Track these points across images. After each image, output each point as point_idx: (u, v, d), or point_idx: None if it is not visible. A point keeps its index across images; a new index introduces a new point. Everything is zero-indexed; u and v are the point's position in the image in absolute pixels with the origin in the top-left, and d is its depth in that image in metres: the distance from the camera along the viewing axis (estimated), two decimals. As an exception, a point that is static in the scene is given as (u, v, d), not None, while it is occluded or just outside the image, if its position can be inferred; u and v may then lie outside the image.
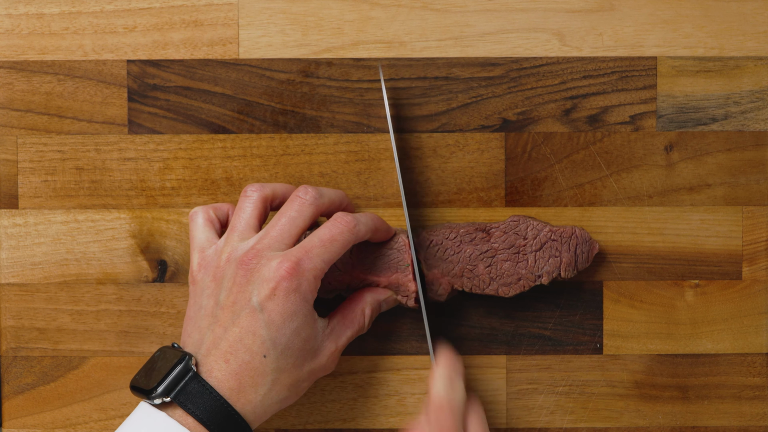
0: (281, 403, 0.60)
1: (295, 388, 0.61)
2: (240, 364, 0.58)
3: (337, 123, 0.69)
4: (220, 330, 0.59)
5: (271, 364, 0.58)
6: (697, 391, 0.70)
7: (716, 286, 0.70)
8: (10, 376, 0.70)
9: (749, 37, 0.69)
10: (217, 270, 0.61)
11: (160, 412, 0.57)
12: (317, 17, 0.69)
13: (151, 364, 0.59)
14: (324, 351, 0.62)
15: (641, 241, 0.70)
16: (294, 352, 0.59)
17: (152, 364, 0.59)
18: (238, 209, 0.63)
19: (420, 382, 0.70)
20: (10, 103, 0.69)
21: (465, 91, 0.69)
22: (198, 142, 0.69)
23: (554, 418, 0.70)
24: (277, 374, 0.59)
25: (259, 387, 0.58)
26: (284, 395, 0.60)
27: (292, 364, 0.59)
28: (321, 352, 0.62)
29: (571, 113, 0.69)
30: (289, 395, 0.61)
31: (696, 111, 0.69)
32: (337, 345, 0.63)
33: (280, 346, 0.58)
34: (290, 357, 0.59)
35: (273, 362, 0.58)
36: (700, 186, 0.70)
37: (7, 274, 0.70)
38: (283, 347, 0.59)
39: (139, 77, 0.69)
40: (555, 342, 0.70)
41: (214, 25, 0.69)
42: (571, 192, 0.70)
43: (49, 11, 0.69)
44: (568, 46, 0.69)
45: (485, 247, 0.67)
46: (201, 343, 0.60)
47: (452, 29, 0.69)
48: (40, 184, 0.69)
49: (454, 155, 0.69)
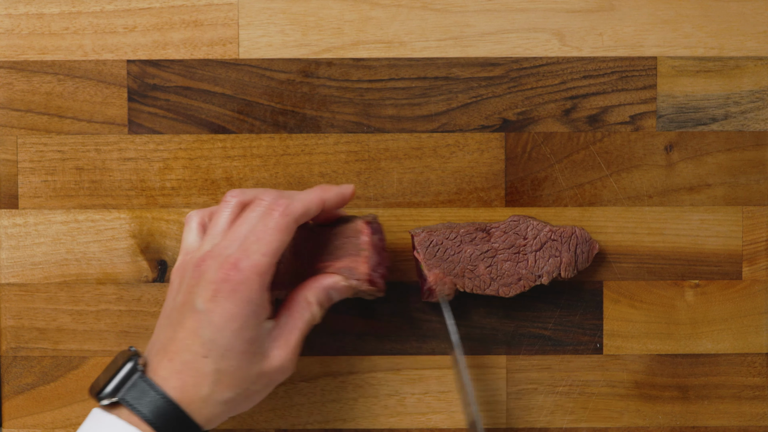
0: (229, 404, 0.59)
1: (244, 391, 0.59)
2: (182, 364, 0.58)
3: (337, 123, 0.69)
4: (170, 331, 0.59)
5: (212, 365, 0.58)
6: (697, 391, 0.70)
7: (716, 286, 0.70)
8: (10, 376, 0.70)
9: (749, 37, 0.69)
10: (183, 272, 0.61)
11: (109, 415, 0.57)
12: (317, 17, 0.69)
13: (109, 368, 0.59)
14: (274, 352, 0.60)
15: (641, 241, 0.70)
16: (236, 354, 0.58)
17: (107, 368, 0.60)
18: (215, 215, 0.62)
19: (420, 382, 0.70)
20: (10, 103, 0.69)
21: (465, 91, 0.69)
22: (198, 142, 0.69)
23: (554, 418, 0.70)
24: (219, 375, 0.58)
25: (201, 387, 0.58)
26: (229, 396, 0.59)
27: (235, 366, 0.58)
28: (270, 353, 0.60)
29: (571, 113, 0.69)
30: (237, 398, 0.59)
31: (696, 111, 0.69)
32: (289, 344, 0.60)
33: (221, 348, 0.58)
34: (232, 359, 0.58)
35: (213, 363, 0.58)
36: (700, 186, 0.70)
37: (7, 274, 0.70)
38: (224, 349, 0.58)
39: (139, 77, 0.69)
40: (555, 342, 0.70)
41: (214, 25, 0.69)
42: (571, 192, 0.70)
43: (49, 11, 0.69)
44: (568, 46, 0.69)
45: (485, 247, 0.67)
46: (156, 343, 0.60)
47: (452, 29, 0.69)
48: (40, 184, 0.69)
49: (454, 155, 0.69)
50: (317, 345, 0.70)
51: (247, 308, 0.58)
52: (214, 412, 0.58)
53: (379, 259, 0.64)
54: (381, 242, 0.64)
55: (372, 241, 0.63)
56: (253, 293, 0.58)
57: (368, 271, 0.62)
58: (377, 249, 0.64)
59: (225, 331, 0.58)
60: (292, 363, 0.61)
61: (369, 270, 0.63)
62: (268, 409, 0.70)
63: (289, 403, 0.70)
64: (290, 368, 0.61)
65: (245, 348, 0.58)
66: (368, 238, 0.63)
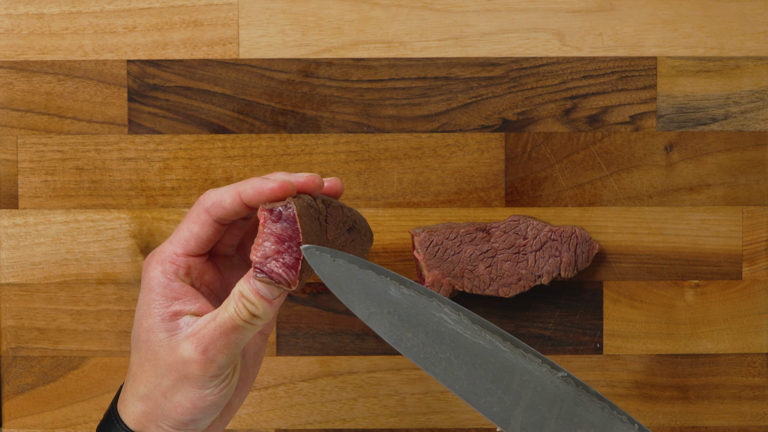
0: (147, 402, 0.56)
1: (156, 386, 0.56)
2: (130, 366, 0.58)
3: (337, 123, 0.69)
4: None
5: (132, 359, 0.57)
6: (697, 391, 0.70)
7: (716, 286, 0.70)
8: (10, 376, 0.70)
9: (749, 37, 0.69)
10: None
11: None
12: (317, 17, 0.69)
13: None
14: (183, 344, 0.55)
15: (641, 241, 0.70)
16: (143, 344, 0.56)
17: None
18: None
19: (420, 382, 0.70)
20: (10, 103, 0.69)
21: (465, 91, 0.69)
22: (198, 142, 0.69)
23: (554, 418, 0.70)
24: (134, 368, 0.56)
25: (126, 383, 0.57)
26: (143, 392, 0.56)
27: (143, 357, 0.56)
28: (180, 344, 0.55)
29: (571, 113, 0.69)
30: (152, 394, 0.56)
31: (696, 111, 0.69)
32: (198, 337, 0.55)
33: (134, 339, 0.57)
34: (141, 349, 0.56)
35: (132, 356, 0.57)
36: (700, 186, 0.70)
37: (7, 274, 0.70)
38: (135, 340, 0.57)
39: (139, 77, 0.69)
40: (555, 342, 0.70)
41: (214, 25, 0.69)
42: (571, 192, 0.70)
43: (49, 11, 0.69)
44: (568, 46, 0.69)
45: (485, 247, 0.67)
46: None
47: (452, 29, 0.69)
48: (40, 184, 0.69)
49: (454, 155, 0.69)
50: (317, 345, 0.70)
51: (147, 296, 0.56)
52: (137, 410, 0.56)
53: (283, 248, 0.57)
54: (287, 231, 0.57)
55: (269, 228, 0.56)
56: (153, 281, 0.56)
57: (257, 260, 0.55)
58: (280, 238, 0.57)
59: (136, 321, 0.57)
60: (198, 356, 0.54)
61: (260, 258, 0.55)
62: (268, 409, 0.70)
63: (289, 403, 0.70)
64: (194, 361, 0.54)
65: (148, 337, 0.55)
66: (261, 226, 0.56)
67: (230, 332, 0.54)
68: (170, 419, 0.56)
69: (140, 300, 0.56)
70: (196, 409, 0.55)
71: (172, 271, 0.56)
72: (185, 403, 0.55)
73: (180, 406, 0.55)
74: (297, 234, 0.56)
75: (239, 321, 0.54)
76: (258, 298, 0.54)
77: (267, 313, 0.55)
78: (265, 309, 0.55)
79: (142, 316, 0.56)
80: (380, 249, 0.70)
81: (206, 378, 0.55)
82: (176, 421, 0.56)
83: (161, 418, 0.56)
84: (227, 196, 0.56)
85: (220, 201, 0.56)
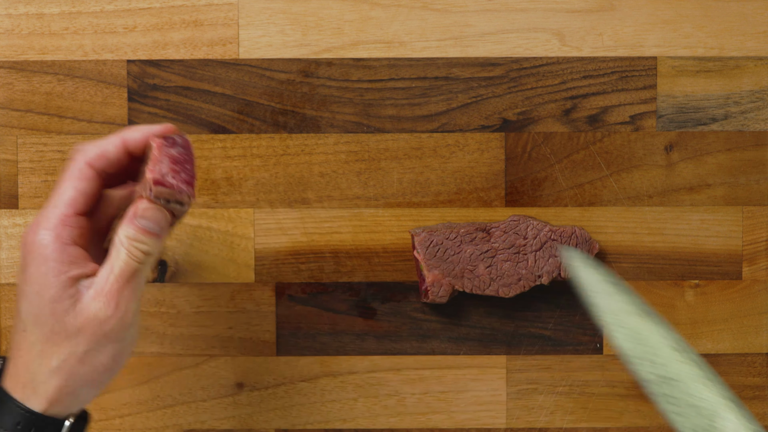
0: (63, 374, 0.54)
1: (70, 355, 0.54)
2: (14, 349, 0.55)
3: (337, 123, 0.69)
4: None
5: (31, 337, 0.54)
6: (697, 391, 0.70)
7: (716, 286, 0.70)
8: (10, 376, 0.70)
9: (749, 37, 0.69)
10: None
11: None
12: (317, 17, 0.69)
13: None
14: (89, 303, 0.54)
15: (641, 241, 0.70)
16: (47, 318, 0.54)
17: None
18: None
19: (420, 382, 0.70)
20: (10, 103, 0.69)
21: (465, 91, 0.69)
22: (198, 142, 0.69)
23: (554, 418, 0.70)
24: (40, 345, 0.54)
25: (30, 364, 0.54)
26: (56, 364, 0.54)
27: (49, 330, 0.54)
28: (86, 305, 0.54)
29: (571, 113, 0.69)
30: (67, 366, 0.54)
31: (696, 111, 0.69)
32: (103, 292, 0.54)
33: (32, 316, 0.54)
34: (45, 324, 0.54)
35: (32, 334, 0.54)
36: (700, 186, 0.70)
37: (7, 274, 0.70)
38: (34, 316, 0.54)
39: (139, 77, 0.69)
40: (555, 342, 0.70)
41: (214, 25, 0.69)
42: (571, 192, 0.70)
43: (49, 11, 0.69)
44: (568, 46, 0.69)
45: (485, 247, 0.67)
46: None
47: (452, 29, 0.69)
48: (40, 184, 0.69)
49: (454, 155, 0.69)
50: (317, 345, 0.70)
51: (43, 267, 0.54)
52: (50, 386, 0.54)
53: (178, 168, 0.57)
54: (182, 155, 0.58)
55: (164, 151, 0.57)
56: (47, 249, 0.54)
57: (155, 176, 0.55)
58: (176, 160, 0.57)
59: (31, 297, 0.54)
60: (113, 311, 0.54)
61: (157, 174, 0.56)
62: (268, 409, 0.70)
63: (289, 403, 0.70)
64: (111, 317, 0.54)
65: (53, 308, 0.54)
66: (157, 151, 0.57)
67: (131, 278, 0.55)
68: (90, 383, 0.55)
69: (31, 273, 0.54)
70: (117, 364, 0.55)
71: (67, 235, 0.55)
72: (106, 362, 0.55)
73: (101, 366, 0.55)
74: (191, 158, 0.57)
75: (135, 264, 0.54)
76: (146, 236, 0.55)
77: (157, 247, 0.55)
78: (155, 243, 0.55)
79: (42, 289, 0.54)
80: (380, 249, 0.70)
81: (125, 330, 0.55)
82: (97, 382, 0.55)
83: (80, 385, 0.55)
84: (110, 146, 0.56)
85: (103, 152, 0.56)
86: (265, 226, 0.69)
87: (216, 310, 0.70)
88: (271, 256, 0.70)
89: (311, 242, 0.70)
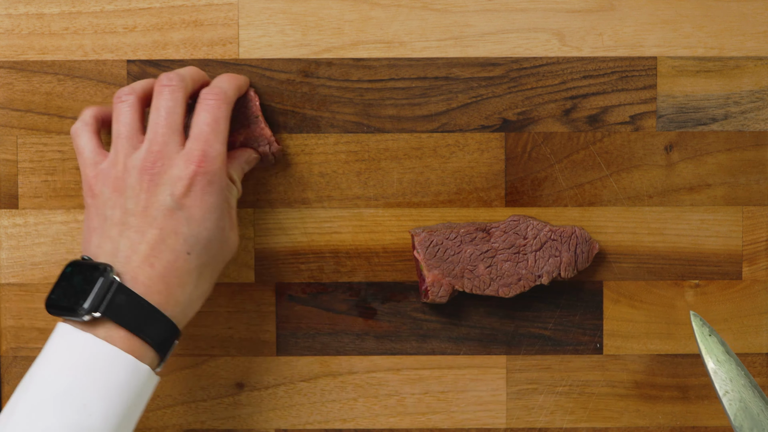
0: (203, 297, 0.61)
1: (214, 280, 0.61)
2: (165, 266, 0.57)
3: (337, 123, 0.69)
4: (136, 236, 0.58)
5: (195, 261, 0.58)
6: (697, 391, 0.70)
7: (716, 286, 0.70)
8: (10, 376, 0.70)
9: (749, 37, 0.69)
10: (116, 181, 0.59)
11: (85, 333, 0.55)
12: (317, 17, 0.69)
13: (66, 281, 0.57)
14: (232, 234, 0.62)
15: (641, 241, 0.70)
16: (216, 244, 0.59)
17: (67, 280, 0.58)
18: (117, 116, 0.61)
19: (420, 382, 0.70)
20: (10, 103, 0.69)
21: (465, 91, 0.69)
22: (198, 142, 0.69)
23: (554, 418, 0.70)
24: (202, 269, 0.59)
25: (186, 286, 0.58)
26: (206, 288, 0.60)
27: (213, 256, 0.59)
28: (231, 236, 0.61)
29: (571, 113, 0.69)
30: (210, 288, 0.61)
31: (696, 111, 0.69)
32: (235, 224, 0.62)
33: (204, 240, 0.58)
34: (213, 249, 0.59)
35: (196, 258, 0.58)
36: (700, 186, 0.70)
37: (7, 274, 0.70)
38: (206, 240, 0.58)
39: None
40: (555, 342, 0.70)
41: (214, 25, 0.69)
42: (571, 192, 0.70)
43: (49, 11, 0.69)
44: (568, 46, 0.69)
45: (485, 247, 0.67)
46: (116, 251, 0.58)
47: (452, 29, 0.69)
48: (40, 184, 0.69)
49: (454, 155, 0.69)
50: (317, 345, 0.70)
51: (220, 196, 0.59)
52: (193, 308, 0.60)
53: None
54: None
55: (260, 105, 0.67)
56: (224, 181, 0.60)
57: (271, 133, 0.66)
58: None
59: (206, 223, 0.58)
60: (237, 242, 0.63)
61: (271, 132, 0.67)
62: (268, 409, 0.70)
63: (289, 403, 0.70)
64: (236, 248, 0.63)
65: (222, 236, 0.60)
66: (258, 103, 0.66)
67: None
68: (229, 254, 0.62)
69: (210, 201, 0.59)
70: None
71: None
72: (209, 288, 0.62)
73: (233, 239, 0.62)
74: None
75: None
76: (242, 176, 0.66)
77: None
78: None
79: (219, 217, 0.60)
80: (380, 249, 0.70)
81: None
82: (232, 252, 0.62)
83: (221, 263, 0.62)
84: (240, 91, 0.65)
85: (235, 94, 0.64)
86: (265, 226, 0.69)
87: (216, 310, 0.70)
88: (271, 256, 0.70)
89: (311, 242, 0.70)
